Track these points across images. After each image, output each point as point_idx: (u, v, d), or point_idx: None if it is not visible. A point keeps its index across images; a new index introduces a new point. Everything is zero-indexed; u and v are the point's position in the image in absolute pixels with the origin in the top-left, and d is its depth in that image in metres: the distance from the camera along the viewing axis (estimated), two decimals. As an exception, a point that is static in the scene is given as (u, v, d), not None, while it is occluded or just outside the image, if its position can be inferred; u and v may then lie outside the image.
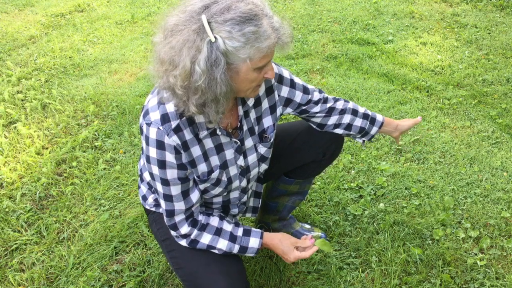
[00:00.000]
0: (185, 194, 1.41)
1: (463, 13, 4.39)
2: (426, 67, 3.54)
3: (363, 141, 1.80)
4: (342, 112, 1.69)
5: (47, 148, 2.81)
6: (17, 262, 2.06)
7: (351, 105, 1.71)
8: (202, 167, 1.40)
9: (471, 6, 4.52)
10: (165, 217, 1.44)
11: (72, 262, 2.03)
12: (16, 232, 2.22)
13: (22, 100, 3.31)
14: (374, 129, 1.76)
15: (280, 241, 1.54)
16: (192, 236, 1.45)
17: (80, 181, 2.52)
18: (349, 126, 1.71)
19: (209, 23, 1.12)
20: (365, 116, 1.73)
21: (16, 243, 2.15)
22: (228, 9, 1.12)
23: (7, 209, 2.35)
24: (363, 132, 1.75)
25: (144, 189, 1.65)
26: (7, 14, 5.12)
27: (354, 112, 1.71)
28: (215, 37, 1.12)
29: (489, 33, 4.00)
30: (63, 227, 2.26)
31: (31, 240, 2.18)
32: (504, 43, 3.81)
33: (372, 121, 1.74)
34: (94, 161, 2.67)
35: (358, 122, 1.72)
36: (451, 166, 2.54)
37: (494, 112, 2.96)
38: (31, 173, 2.60)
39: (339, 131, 1.72)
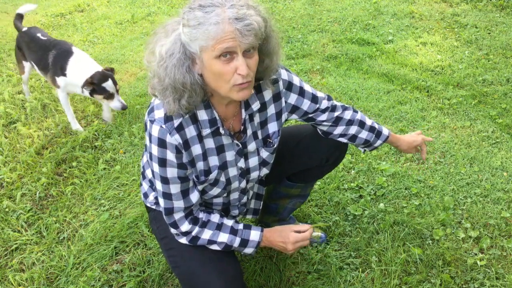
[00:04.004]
0: (185, 193, 1.41)
1: (463, 13, 4.39)
2: (426, 67, 3.54)
3: (364, 150, 1.81)
4: (350, 123, 1.68)
5: (47, 148, 2.81)
6: (17, 262, 2.06)
7: (359, 116, 1.70)
8: (200, 166, 1.40)
9: (471, 6, 4.52)
10: (164, 216, 1.44)
11: (72, 262, 2.03)
12: (16, 232, 2.22)
13: (22, 100, 3.31)
14: (378, 142, 1.76)
15: (276, 229, 1.56)
16: (193, 233, 1.46)
17: (80, 181, 2.52)
18: (354, 137, 1.71)
19: (183, 17, 1.19)
20: (371, 129, 1.72)
21: (16, 243, 2.15)
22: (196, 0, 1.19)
23: (7, 209, 2.35)
24: (367, 144, 1.75)
25: (145, 186, 1.66)
26: (7, 14, 5.12)
27: (361, 124, 1.70)
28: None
29: (489, 33, 4.00)
30: (63, 227, 2.26)
31: (31, 240, 2.18)
32: (504, 43, 3.81)
33: (378, 134, 1.74)
34: (94, 161, 2.67)
35: (364, 134, 1.71)
36: (451, 166, 2.54)
37: (494, 112, 2.96)
38: (31, 173, 2.60)
39: (343, 140, 1.72)
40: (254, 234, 1.52)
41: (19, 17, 3.15)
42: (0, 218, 2.30)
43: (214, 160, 1.42)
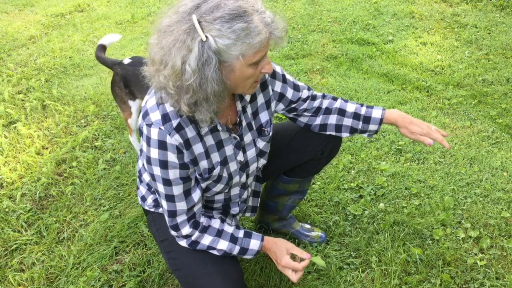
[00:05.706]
0: (187, 193, 1.41)
1: (463, 13, 4.39)
2: (426, 67, 3.54)
3: (368, 135, 1.71)
4: (328, 111, 1.65)
5: (47, 148, 2.81)
6: (17, 262, 2.06)
7: (338, 103, 1.65)
8: (204, 164, 1.40)
9: (471, 6, 4.52)
10: (166, 218, 1.44)
11: (72, 262, 2.03)
12: (16, 232, 2.22)
13: (22, 100, 3.31)
14: (373, 127, 1.66)
15: (276, 243, 1.54)
16: (193, 238, 1.46)
17: (80, 181, 2.52)
18: (338, 127, 1.66)
19: (199, 22, 1.13)
20: (355, 116, 1.65)
21: (16, 243, 2.15)
22: (217, 7, 1.14)
23: (7, 209, 2.35)
24: (356, 131, 1.68)
25: (143, 190, 1.65)
26: (7, 14, 5.12)
27: (341, 112, 1.65)
28: (206, 36, 1.13)
29: (489, 33, 4.00)
30: (63, 227, 2.26)
31: (31, 240, 2.18)
32: (504, 43, 3.81)
33: (367, 120, 1.64)
34: (94, 161, 2.67)
35: (348, 122, 1.65)
36: (451, 166, 2.54)
37: (494, 112, 2.96)
38: (31, 173, 2.60)
39: (332, 133, 1.70)
40: (254, 244, 1.52)
41: (102, 48, 2.65)
42: (0, 218, 2.30)
43: (215, 157, 1.43)
